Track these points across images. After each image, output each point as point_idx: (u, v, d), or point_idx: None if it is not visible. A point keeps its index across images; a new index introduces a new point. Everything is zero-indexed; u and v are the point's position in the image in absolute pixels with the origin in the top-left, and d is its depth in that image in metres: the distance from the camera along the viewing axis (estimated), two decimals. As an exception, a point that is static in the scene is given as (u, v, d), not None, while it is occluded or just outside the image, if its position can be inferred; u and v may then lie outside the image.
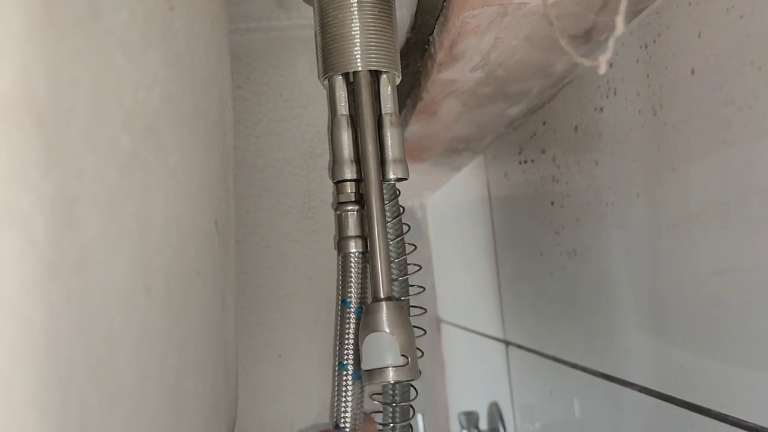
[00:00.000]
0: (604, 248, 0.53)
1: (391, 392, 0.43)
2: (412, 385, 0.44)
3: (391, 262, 0.42)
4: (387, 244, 0.39)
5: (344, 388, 0.41)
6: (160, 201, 0.26)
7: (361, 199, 0.40)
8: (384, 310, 0.38)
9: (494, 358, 0.91)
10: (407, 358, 0.37)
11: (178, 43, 0.28)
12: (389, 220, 0.41)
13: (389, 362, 0.37)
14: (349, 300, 0.41)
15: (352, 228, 0.41)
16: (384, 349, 0.37)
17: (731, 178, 0.36)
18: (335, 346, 0.43)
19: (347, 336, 0.41)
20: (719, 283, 0.38)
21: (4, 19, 0.19)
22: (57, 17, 0.20)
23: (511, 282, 0.82)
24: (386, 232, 0.39)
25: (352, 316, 0.41)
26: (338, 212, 0.41)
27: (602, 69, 0.25)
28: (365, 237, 0.40)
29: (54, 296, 0.20)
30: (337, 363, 0.42)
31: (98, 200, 0.22)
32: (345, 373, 0.41)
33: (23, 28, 0.19)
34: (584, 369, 0.60)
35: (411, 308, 0.43)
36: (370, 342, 0.38)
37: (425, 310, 0.44)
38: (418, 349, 0.41)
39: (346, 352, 0.41)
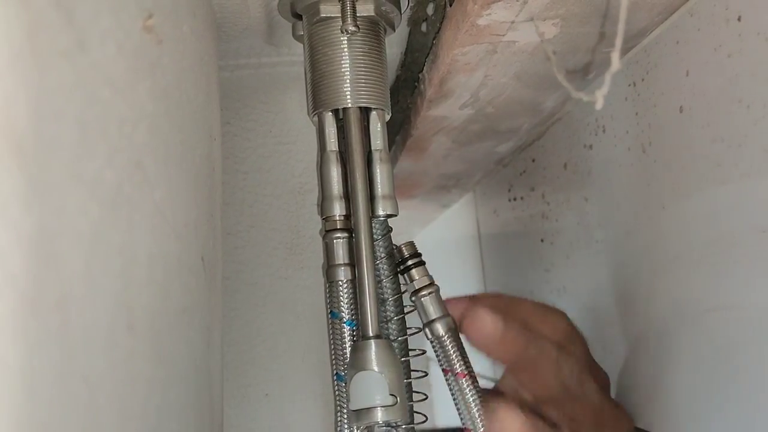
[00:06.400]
0: (594, 286, 0.53)
1: None
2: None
3: (386, 301, 0.41)
4: (376, 281, 0.38)
5: (342, 400, 0.40)
6: (145, 237, 0.26)
7: (350, 228, 0.39)
8: (372, 348, 0.37)
9: (484, 397, 0.90)
10: (396, 397, 0.37)
11: (167, 78, 0.28)
12: (382, 256, 0.41)
13: (378, 402, 0.36)
14: (337, 311, 0.39)
15: (340, 256, 0.40)
16: (372, 388, 0.36)
17: (722, 216, 0.36)
18: (330, 358, 0.41)
19: (340, 346, 0.39)
20: (711, 321, 0.38)
21: (-14, 50, 0.18)
22: (41, 49, 0.20)
23: (501, 320, 0.81)
24: (375, 269, 0.38)
25: (345, 327, 0.39)
26: (326, 240, 0.40)
27: (599, 104, 0.25)
28: (354, 265, 0.39)
29: (32, 334, 0.19)
30: (333, 374, 0.40)
31: (81, 236, 0.22)
32: (342, 384, 0.39)
33: (4, 59, 0.18)
34: (576, 409, 0.59)
35: (410, 350, 0.42)
36: (358, 381, 0.37)
37: (424, 351, 0.43)
38: (421, 392, 0.40)
39: (341, 361, 0.39)
